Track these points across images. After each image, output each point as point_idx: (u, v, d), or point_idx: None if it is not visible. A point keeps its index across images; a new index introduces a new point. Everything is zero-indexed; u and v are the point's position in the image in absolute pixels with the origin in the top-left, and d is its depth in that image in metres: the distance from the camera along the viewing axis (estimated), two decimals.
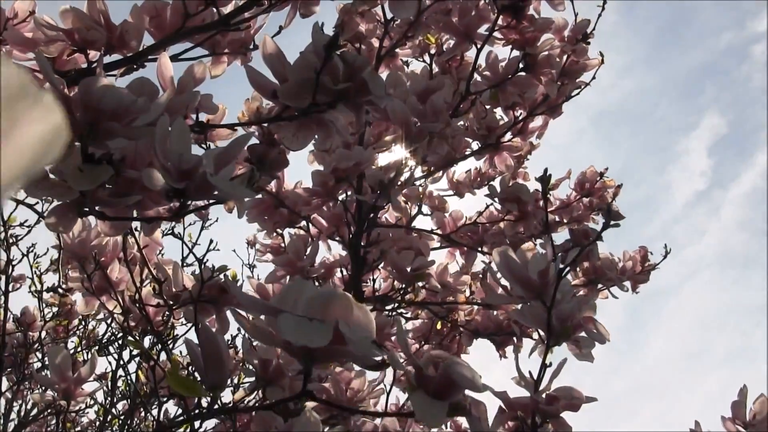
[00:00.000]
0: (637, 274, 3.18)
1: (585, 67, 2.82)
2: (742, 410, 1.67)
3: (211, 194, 1.14)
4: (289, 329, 0.87)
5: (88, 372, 1.96)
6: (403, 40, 2.76)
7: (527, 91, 2.63)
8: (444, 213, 3.13)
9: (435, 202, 3.19)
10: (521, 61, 2.56)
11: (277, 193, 2.50)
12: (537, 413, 1.45)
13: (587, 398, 1.49)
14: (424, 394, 0.94)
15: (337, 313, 0.90)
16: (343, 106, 1.36)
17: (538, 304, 1.45)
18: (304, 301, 0.91)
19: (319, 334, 0.87)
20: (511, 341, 2.91)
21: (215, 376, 1.09)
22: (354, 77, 1.33)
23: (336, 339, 0.90)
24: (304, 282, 0.97)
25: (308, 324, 0.88)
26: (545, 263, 1.45)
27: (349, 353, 0.93)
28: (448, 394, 0.95)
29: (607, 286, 3.04)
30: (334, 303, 0.91)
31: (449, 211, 3.15)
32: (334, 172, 2.32)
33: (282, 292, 0.94)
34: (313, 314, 0.90)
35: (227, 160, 1.18)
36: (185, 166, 1.08)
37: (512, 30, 2.51)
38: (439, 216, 3.10)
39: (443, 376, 0.94)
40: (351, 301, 0.93)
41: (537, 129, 3.04)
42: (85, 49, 1.66)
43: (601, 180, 3.32)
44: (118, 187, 1.17)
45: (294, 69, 1.35)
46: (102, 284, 2.20)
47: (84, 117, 1.10)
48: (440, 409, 0.93)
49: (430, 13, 2.60)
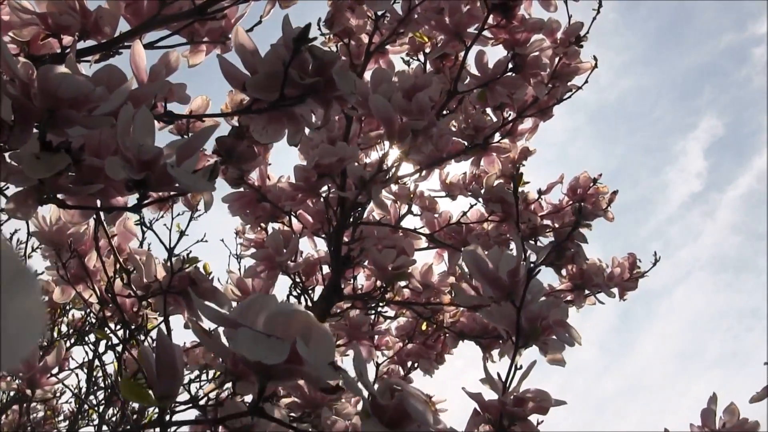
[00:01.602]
0: (625, 281, 3.16)
1: (577, 70, 2.79)
2: (711, 418, 1.65)
3: (173, 186, 1.12)
4: (245, 344, 0.85)
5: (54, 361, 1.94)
6: (394, 36, 2.74)
7: (516, 92, 2.60)
8: (434, 214, 3.11)
9: (425, 203, 3.16)
10: (510, 61, 2.54)
11: (260, 187, 2.48)
12: (504, 415, 1.43)
13: (556, 401, 1.47)
14: (377, 422, 0.92)
15: (296, 331, 0.89)
16: (312, 101, 1.34)
17: (507, 304, 1.43)
18: (265, 317, 0.89)
19: (275, 352, 0.85)
20: (497, 344, 2.88)
21: (166, 386, 1.07)
22: (323, 72, 1.31)
23: (293, 358, 0.88)
24: (267, 297, 0.95)
25: (265, 340, 0.87)
26: (515, 262, 1.42)
27: (305, 374, 0.92)
28: (401, 424, 0.93)
29: (593, 291, 3.02)
30: (295, 321, 0.89)
31: (439, 212, 3.13)
32: (317, 167, 2.30)
33: (243, 306, 0.92)
34: (272, 331, 0.88)
35: (190, 151, 1.16)
36: (145, 156, 1.06)
37: (502, 29, 2.49)
38: (428, 216, 3.07)
39: (398, 406, 0.92)
40: (312, 320, 0.91)
41: (526, 131, 3.01)
42: (59, 35, 1.64)
43: (595, 186, 3.29)
44: (81, 175, 1.16)
45: (264, 61, 1.33)
46: (79, 273, 2.19)
47: (42, 104, 1.09)
48: None
49: (421, 11, 2.58)
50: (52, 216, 2.06)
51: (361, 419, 0.92)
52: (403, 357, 3.24)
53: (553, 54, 2.73)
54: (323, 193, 2.49)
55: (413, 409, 0.90)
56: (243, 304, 0.91)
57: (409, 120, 2.08)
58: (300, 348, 0.84)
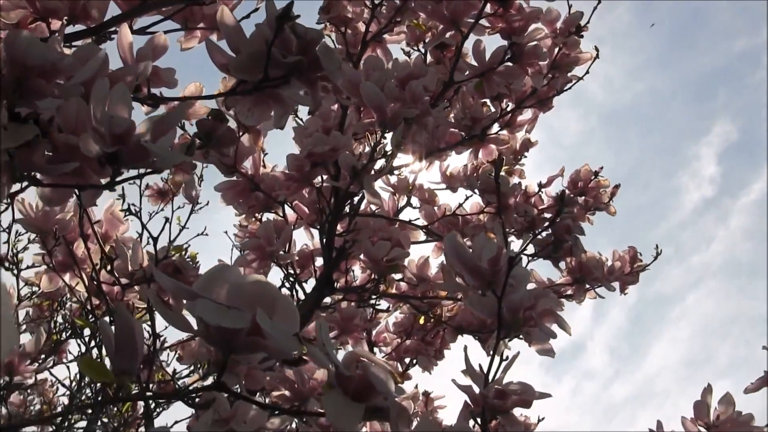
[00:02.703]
0: (626, 275, 3.12)
1: (577, 61, 2.76)
2: (704, 410, 1.61)
3: (147, 161, 1.10)
4: (204, 311, 0.83)
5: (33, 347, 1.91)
6: (391, 25, 2.71)
7: (513, 82, 2.56)
8: (433, 206, 3.08)
9: (425, 195, 3.13)
10: (508, 50, 2.50)
11: (253, 176, 2.45)
12: (486, 408, 1.40)
13: (540, 394, 1.43)
14: (340, 394, 0.89)
15: (260, 303, 0.86)
16: (296, 81, 1.31)
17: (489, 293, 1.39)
18: (227, 289, 0.87)
19: (235, 318, 0.83)
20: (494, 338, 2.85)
21: (125, 363, 1.05)
22: (307, 51, 1.28)
23: (257, 330, 0.86)
24: (229, 268, 0.92)
25: (225, 309, 0.84)
26: (495, 250, 1.39)
27: (267, 346, 0.89)
28: (366, 396, 0.90)
29: (593, 285, 2.99)
30: (257, 292, 0.87)
31: (439, 205, 3.10)
32: (310, 156, 2.27)
33: (205, 278, 0.90)
34: (234, 302, 0.85)
35: (166, 127, 1.14)
36: (117, 129, 1.03)
37: (499, 18, 2.45)
38: (427, 209, 3.05)
39: (362, 377, 0.89)
40: (276, 292, 0.89)
41: (526, 122, 2.97)
42: (47, 19, 1.62)
43: (596, 179, 3.25)
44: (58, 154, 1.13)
45: (248, 41, 1.30)
46: (66, 261, 2.17)
47: (10, 72, 1.06)
48: (356, 412, 0.88)
49: None
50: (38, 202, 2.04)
51: (323, 391, 0.89)
52: (401, 353, 3.21)
53: (552, 44, 2.69)
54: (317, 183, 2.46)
55: (375, 379, 0.87)
56: (205, 276, 0.89)
57: (401, 107, 2.05)
58: (260, 319, 0.82)
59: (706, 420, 1.61)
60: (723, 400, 1.63)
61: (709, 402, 1.63)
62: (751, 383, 1.69)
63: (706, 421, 1.61)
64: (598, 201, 3.22)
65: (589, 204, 3.26)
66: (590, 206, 3.25)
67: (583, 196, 3.24)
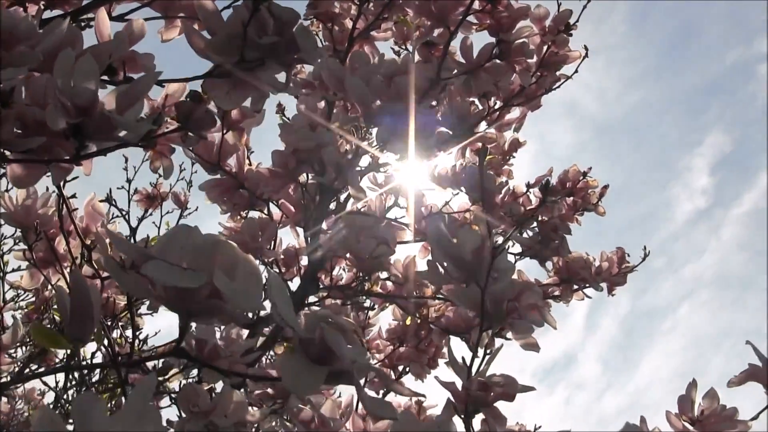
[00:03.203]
0: (614, 276, 3.10)
1: (565, 59, 2.74)
2: (689, 405, 1.59)
3: (113, 134, 1.07)
4: (157, 271, 0.81)
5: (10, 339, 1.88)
6: (378, 21, 2.69)
7: (501, 80, 2.54)
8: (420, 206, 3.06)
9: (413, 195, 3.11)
10: (495, 47, 2.48)
11: (238, 174, 2.42)
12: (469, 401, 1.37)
13: (523, 387, 1.41)
14: (302, 358, 0.85)
15: (220, 264, 0.84)
16: (273, 63, 1.29)
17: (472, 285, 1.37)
18: (186, 251, 0.84)
19: (188, 278, 0.81)
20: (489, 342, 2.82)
21: (79, 329, 1.02)
22: (283, 32, 1.26)
23: (216, 293, 0.84)
24: (189, 229, 0.90)
25: (180, 271, 0.82)
26: (479, 241, 1.36)
27: (226, 309, 0.86)
28: (328, 359, 0.87)
29: (580, 286, 2.98)
30: (219, 254, 0.85)
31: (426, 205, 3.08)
32: (295, 152, 2.25)
33: (164, 240, 0.87)
34: (193, 264, 0.83)
35: (132, 99, 1.11)
36: (80, 99, 1.01)
37: (487, 15, 2.43)
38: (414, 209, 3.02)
39: (322, 340, 0.86)
40: (238, 252, 0.86)
41: (514, 121, 2.96)
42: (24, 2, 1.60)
43: (584, 179, 3.24)
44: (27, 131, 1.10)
45: (225, 23, 1.28)
46: (47, 256, 2.14)
47: None
48: (317, 376, 0.84)
49: None
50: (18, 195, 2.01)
51: (284, 355, 0.86)
52: (394, 360, 3.18)
53: (541, 42, 2.68)
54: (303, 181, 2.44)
55: (333, 341, 0.84)
56: (163, 238, 0.86)
57: (386, 103, 2.03)
58: (218, 280, 0.79)
59: (690, 415, 1.59)
60: (707, 395, 1.62)
61: (694, 397, 1.61)
62: (734, 376, 1.67)
63: (690, 415, 1.59)
64: (586, 201, 3.21)
65: (577, 204, 3.24)
66: (579, 207, 3.24)
67: (571, 197, 3.22)
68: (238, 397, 1.64)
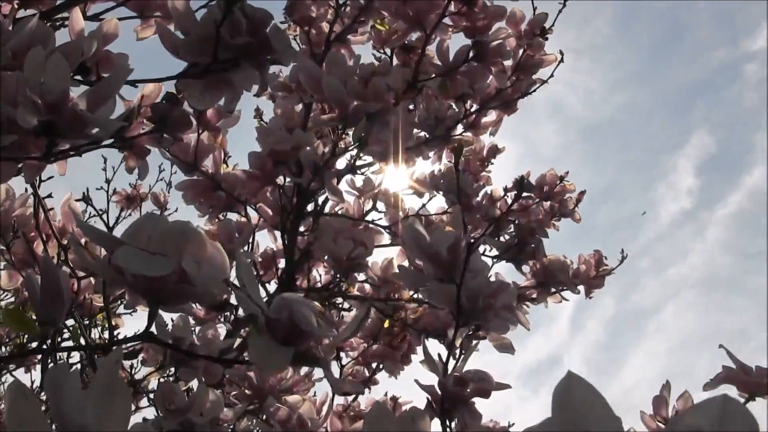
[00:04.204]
0: (592, 279, 3.11)
1: (541, 62, 2.75)
2: (663, 406, 1.60)
3: (84, 132, 1.07)
4: (125, 258, 0.81)
5: None
6: (355, 25, 2.70)
7: (477, 82, 2.56)
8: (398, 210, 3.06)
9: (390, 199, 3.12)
10: (471, 49, 2.49)
11: (214, 175, 2.42)
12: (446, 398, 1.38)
13: (498, 384, 1.42)
14: (269, 338, 0.86)
15: (188, 249, 0.84)
16: (246, 64, 1.29)
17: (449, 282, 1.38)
18: (154, 237, 0.85)
19: (157, 265, 0.81)
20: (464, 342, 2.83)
21: (49, 312, 1.02)
22: (256, 32, 1.26)
23: (184, 278, 0.84)
24: (157, 217, 0.91)
25: (148, 256, 0.82)
26: (454, 238, 1.37)
27: (195, 293, 0.87)
28: (296, 340, 0.87)
29: (558, 288, 2.98)
30: (185, 239, 0.85)
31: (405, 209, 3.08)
32: (272, 154, 2.25)
33: (133, 226, 0.88)
34: (161, 249, 0.83)
35: (103, 97, 1.11)
36: (50, 96, 1.01)
37: (463, 17, 2.44)
38: (392, 213, 3.03)
39: (290, 319, 0.86)
40: (204, 238, 0.87)
41: (490, 124, 2.97)
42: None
43: (561, 184, 3.25)
44: None
45: (198, 24, 1.28)
46: (25, 257, 2.13)
47: None
48: (284, 355, 0.85)
49: None
50: None
51: (250, 337, 0.86)
52: (367, 358, 3.19)
53: (516, 45, 2.69)
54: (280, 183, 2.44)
55: (301, 318, 0.85)
56: (132, 225, 0.87)
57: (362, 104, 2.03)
58: (187, 264, 0.80)
59: (664, 415, 1.60)
60: (681, 397, 1.63)
61: (668, 398, 1.62)
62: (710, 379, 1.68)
63: (664, 416, 1.60)
64: (563, 206, 3.23)
65: (554, 209, 3.26)
66: (556, 211, 3.26)
67: (548, 201, 3.24)
68: (214, 396, 1.64)
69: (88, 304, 2.14)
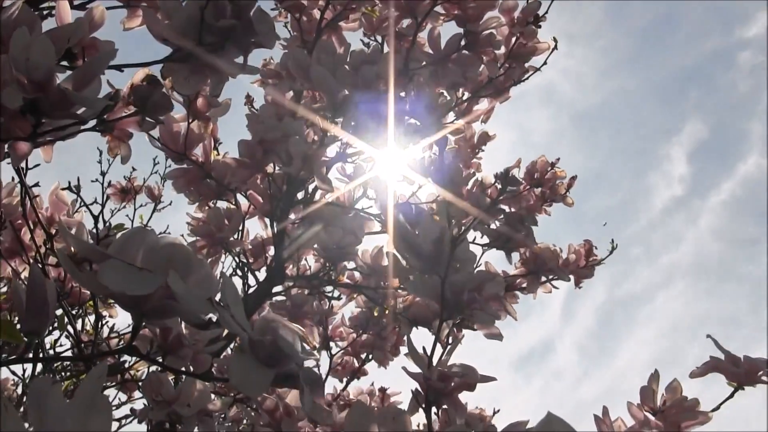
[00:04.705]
0: (581, 269, 3.11)
1: (534, 51, 2.74)
2: (650, 396, 1.60)
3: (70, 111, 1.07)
4: (110, 276, 0.81)
5: None
6: (346, 12, 2.68)
7: (469, 71, 2.55)
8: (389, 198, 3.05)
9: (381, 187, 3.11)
10: (463, 38, 2.48)
11: (204, 164, 2.41)
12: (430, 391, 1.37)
13: (483, 377, 1.42)
14: (250, 359, 0.86)
15: (175, 266, 0.84)
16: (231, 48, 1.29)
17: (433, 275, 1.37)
18: (141, 251, 0.85)
19: (142, 284, 0.81)
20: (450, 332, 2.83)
21: (34, 322, 1.02)
22: (240, 16, 1.26)
23: (170, 294, 0.84)
24: (145, 231, 0.91)
25: (135, 272, 0.82)
26: (439, 231, 1.37)
27: (179, 309, 0.87)
28: (277, 361, 0.88)
29: (548, 277, 2.98)
30: (171, 255, 0.85)
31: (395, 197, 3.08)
32: (262, 143, 2.24)
33: (121, 240, 0.88)
34: (148, 265, 0.83)
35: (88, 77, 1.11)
36: (36, 74, 1.01)
37: (455, 5, 2.44)
38: (382, 200, 3.02)
39: (272, 341, 0.87)
40: (191, 255, 0.87)
41: (482, 112, 2.96)
42: None
43: (552, 170, 3.24)
44: None
45: (183, 8, 1.28)
46: (13, 246, 2.12)
47: None
48: (264, 377, 0.85)
49: None
50: None
51: (233, 355, 0.87)
52: (357, 348, 3.20)
53: (509, 34, 2.68)
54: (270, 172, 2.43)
55: (284, 343, 0.85)
56: (120, 238, 0.87)
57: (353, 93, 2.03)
58: (172, 282, 0.80)
59: (652, 405, 1.60)
60: (670, 387, 1.63)
61: (656, 388, 1.62)
62: (696, 367, 1.69)
63: (652, 406, 1.60)
64: (554, 192, 3.22)
65: (545, 195, 3.25)
66: (547, 197, 3.25)
67: (539, 187, 3.23)
68: (201, 386, 1.64)
69: (76, 293, 2.14)
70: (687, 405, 1.59)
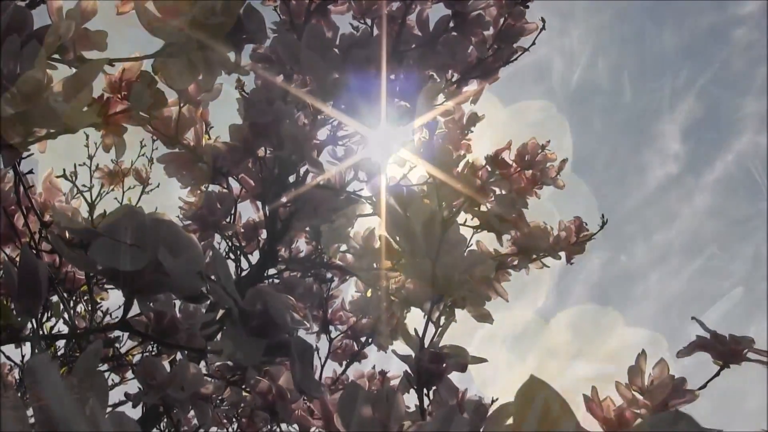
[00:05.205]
0: (572, 245, 3.12)
1: (522, 31, 2.75)
2: (638, 375, 1.62)
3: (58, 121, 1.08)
4: (101, 252, 0.83)
5: None
6: None
7: (458, 52, 2.55)
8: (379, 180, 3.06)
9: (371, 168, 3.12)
10: (451, 20, 2.49)
11: (195, 148, 2.42)
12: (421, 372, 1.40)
13: (474, 358, 1.44)
14: (242, 330, 0.88)
15: (164, 242, 0.86)
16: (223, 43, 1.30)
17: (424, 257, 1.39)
18: (131, 229, 0.86)
19: (132, 260, 0.83)
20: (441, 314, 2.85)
21: (26, 303, 1.04)
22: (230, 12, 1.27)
23: (159, 269, 0.86)
24: (135, 210, 0.92)
25: (125, 249, 0.84)
26: (429, 213, 1.39)
27: (170, 284, 0.89)
28: (269, 331, 0.89)
29: (539, 255, 2.99)
30: (162, 231, 0.87)
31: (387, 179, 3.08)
32: (252, 127, 2.25)
33: (110, 219, 0.89)
34: (137, 241, 0.85)
35: (79, 85, 1.12)
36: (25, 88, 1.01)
37: None
38: (374, 182, 3.03)
39: (264, 311, 0.88)
40: (179, 230, 0.89)
41: (471, 94, 2.96)
42: None
43: (543, 152, 3.25)
44: None
45: None
46: (7, 233, 2.13)
47: None
48: (256, 347, 0.87)
49: None
50: None
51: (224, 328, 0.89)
52: (357, 331, 3.21)
53: (497, 15, 2.68)
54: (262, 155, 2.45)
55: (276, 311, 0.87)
56: (110, 217, 0.88)
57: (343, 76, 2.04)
58: (162, 257, 0.82)
59: (639, 384, 1.62)
60: (657, 366, 1.65)
61: (643, 367, 1.64)
62: (683, 347, 1.71)
63: (639, 385, 1.62)
64: (545, 175, 3.22)
65: (536, 177, 3.26)
66: (538, 180, 3.25)
67: (530, 170, 3.23)
68: (195, 369, 1.66)
69: (71, 278, 2.14)
70: (674, 384, 1.61)
